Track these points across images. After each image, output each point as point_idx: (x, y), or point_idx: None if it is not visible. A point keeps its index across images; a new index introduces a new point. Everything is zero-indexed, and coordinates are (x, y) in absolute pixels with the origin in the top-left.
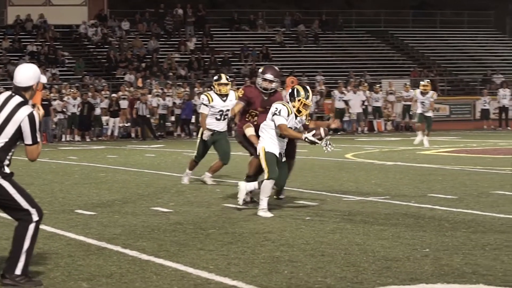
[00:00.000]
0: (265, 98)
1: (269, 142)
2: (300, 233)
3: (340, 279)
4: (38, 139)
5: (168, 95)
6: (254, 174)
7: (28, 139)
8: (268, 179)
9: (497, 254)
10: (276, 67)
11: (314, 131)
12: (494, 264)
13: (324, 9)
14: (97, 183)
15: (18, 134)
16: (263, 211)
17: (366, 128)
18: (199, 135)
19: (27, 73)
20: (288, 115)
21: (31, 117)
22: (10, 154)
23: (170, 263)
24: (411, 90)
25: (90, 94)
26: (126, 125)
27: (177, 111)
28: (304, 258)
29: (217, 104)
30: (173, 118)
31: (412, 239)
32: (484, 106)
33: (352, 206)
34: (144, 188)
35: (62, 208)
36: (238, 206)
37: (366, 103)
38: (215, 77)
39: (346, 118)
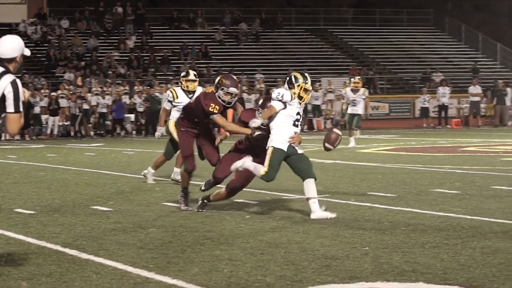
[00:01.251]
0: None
1: (277, 137)
2: (239, 231)
3: (279, 277)
4: (21, 109)
5: (107, 94)
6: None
7: (10, 107)
8: (262, 176)
9: (436, 252)
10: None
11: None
12: (434, 262)
13: (264, 7)
14: (37, 182)
15: (1, 104)
16: None
17: (305, 127)
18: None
19: (11, 44)
20: (292, 100)
21: (14, 83)
22: None
23: (110, 262)
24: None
25: (29, 92)
26: (65, 123)
27: None
28: (244, 256)
29: (183, 101)
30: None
31: (351, 237)
32: (424, 104)
33: (292, 204)
34: (83, 187)
35: (1, 207)
36: (178, 205)
37: None
38: (183, 73)
39: None
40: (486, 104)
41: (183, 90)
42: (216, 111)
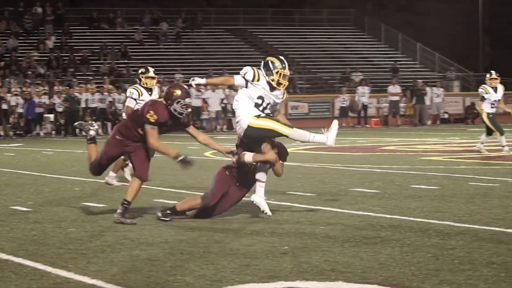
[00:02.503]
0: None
1: (246, 115)
2: (159, 231)
3: (199, 277)
4: None
5: (27, 94)
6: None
7: None
8: (289, 131)
9: (356, 251)
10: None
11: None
12: (353, 261)
13: (183, 7)
14: None
15: None
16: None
17: (225, 126)
18: None
19: None
20: (253, 80)
21: None
22: None
23: (29, 262)
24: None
25: None
26: None
27: (38, 110)
28: (163, 256)
29: (146, 98)
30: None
31: (271, 236)
32: (343, 104)
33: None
34: (2, 187)
35: None
36: (98, 205)
37: (225, 101)
38: (142, 70)
39: (205, 116)
40: (405, 104)
41: (143, 87)
42: (153, 121)
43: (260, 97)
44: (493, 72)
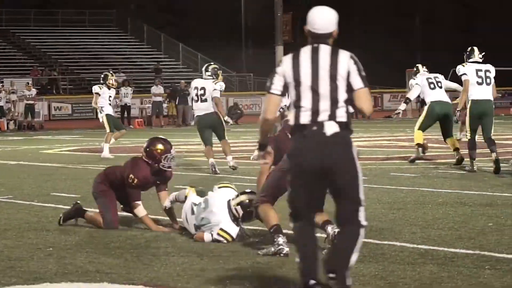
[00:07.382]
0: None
1: None
2: None
3: None
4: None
5: None
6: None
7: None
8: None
9: (120, 252)
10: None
11: None
12: (118, 262)
13: None
14: None
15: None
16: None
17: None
18: None
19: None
20: None
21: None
22: None
23: None
24: (33, 89)
25: None
26: None
27: None
28: None
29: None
30: None
31: (35, 238)
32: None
33: None
34: None
35: None
36: None
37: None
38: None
39: None
40: (168, 104)
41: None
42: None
43: None
44: None
